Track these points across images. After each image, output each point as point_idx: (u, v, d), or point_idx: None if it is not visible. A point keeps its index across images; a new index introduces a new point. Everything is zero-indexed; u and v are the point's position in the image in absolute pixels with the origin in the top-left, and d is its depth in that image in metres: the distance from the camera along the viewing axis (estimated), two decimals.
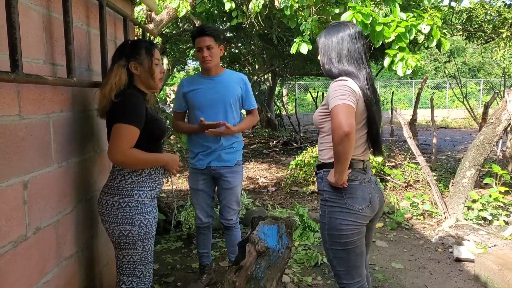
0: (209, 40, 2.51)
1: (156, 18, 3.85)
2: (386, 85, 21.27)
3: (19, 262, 1.46)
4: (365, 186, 1.78)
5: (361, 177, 1.79)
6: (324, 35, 1.83)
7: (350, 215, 1.74)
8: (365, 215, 1.77)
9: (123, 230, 1.78)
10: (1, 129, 1.36)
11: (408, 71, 3.45)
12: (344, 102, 1.61)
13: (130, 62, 1.82)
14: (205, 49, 2.51)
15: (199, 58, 2.55)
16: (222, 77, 2.63)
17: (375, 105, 1.78)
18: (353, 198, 1.75)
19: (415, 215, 4.27)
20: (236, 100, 2.62)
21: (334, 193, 1.77)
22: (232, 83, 2.62)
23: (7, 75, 1.26)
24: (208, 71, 2.61)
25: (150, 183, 1.86)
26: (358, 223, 1.76)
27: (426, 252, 3.45)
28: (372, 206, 1.78)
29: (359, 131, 1.76)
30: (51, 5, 1.70)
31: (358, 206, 1.74)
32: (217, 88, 2.59)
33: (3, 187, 1.36)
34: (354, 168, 1.77)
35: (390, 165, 5.58)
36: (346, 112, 1.59)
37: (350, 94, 1.64)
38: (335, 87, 1.67)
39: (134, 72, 1.84)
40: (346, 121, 1.57)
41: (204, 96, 2.59)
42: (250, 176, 6.72)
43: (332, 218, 1.78)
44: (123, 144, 1.70)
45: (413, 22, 3.44)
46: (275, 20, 5.44)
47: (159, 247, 3.65)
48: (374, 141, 1.82)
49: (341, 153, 1.62)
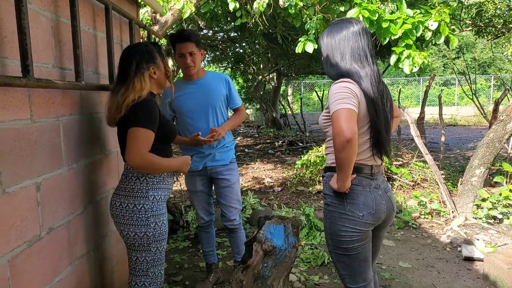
0: (191, 46, 2.48)
1: (161, 20, 3.88)
2: (393, 82, 21.12)
3: (34, 261, 1.49)
4: (370, 193, 1.71)
5: (367, 183, 1.72)
6: (327, 34, 1.77)
7: (349, 221, 1.69)
8: (366, 222, 1.70)
9: (138, 232, 1.78)
10: (14, 133, 1.39)
11: (415, 68, 3.43)
12: (345, 106, 1.55)
13: (150, 68, 1.83)
14: (188, 55, 2.48)
15: (182, 64, 2.52)
16: (205, 80, 2.61)
17: (383, 105, 1.71)
18: (354, 204, 1.69)
19: (422, 214, 4.25)
20: (221, 101, 2.62)
21: (336, 198, 1.73)
22: (215, 84, 2.61)
23: (19, 80, 1.29)
24: (190, 76, 2.59)
25: (163, 185, 1.88)
26: (358, 230, 1.70)
27: (434, 251, 3.44)
28: (375, 213, 1.71)
29: (364, 135, 1.69)
30: (59, 10, 1.74)
31: (359, 212, 1.69)
32: (202, 92, 2.57)
33: (18, 189, 1.40)
34: (360, 174, 1.71)
35: (398, 163, 5.56)
36: (347, 117, 1.54)
37: (350, 96, 1.58)
38: (335, 90, 1.62)
39: (153, 76, 1.86)
40: (347, 126, 1.52)
41: (190, 101, 2.57)
42: (256, 176, 6.74)
43: (333, 223, 1.74)
44: (141, 148, 1.71)
45: (420, 18, 3.42)
46: (280, 19, 5.44)
47: (167, 246, 3.68)
48: (379, 145, 1.72)
49: (343, 159, 1.58)
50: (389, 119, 1.79)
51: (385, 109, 1.74)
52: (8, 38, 1.37)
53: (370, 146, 1.72)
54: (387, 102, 1.77)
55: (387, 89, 1.80)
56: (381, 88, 1.73)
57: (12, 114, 1.38)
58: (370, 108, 1.67)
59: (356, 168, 1.71)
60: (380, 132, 1.70)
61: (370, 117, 1.68)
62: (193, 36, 2.50)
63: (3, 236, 1.31)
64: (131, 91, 1.77)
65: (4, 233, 1.32)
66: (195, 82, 2.60)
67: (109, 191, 2.24)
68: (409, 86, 21.59)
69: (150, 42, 1.95)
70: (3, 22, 1.35)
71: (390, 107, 1.79)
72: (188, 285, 2.94)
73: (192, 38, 2.49)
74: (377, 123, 1.69)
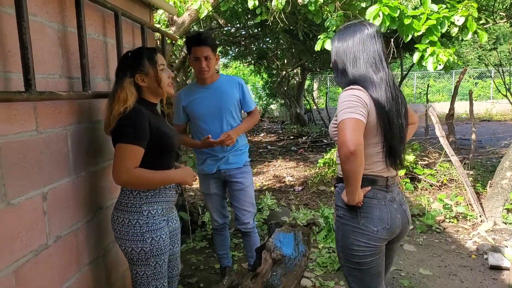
0: (207, 50, 2.47)
1: (178, 20, 3.88)
2: (424, 76, 20.42)
3: (41, 269, 1.52)
4: (385, 206, 1.65)
5: (382, 196, 1.65)
6: (338, 38, 1.68)
7: (363, 235, 1.63)
8: (380, 237, 1.63)
9: (134, 248, 1.73)
10: (19, 145, 1.42)
11: (439, 66, 3.28)
12: (351, 116, 1.49)
13: (135, 75, 1.74)
14: (203, 59, 2.48)
15: (196, 67, 2.51)
16: (218, 84, 2.60)
17: (397, 111, 1.62)
18: (368, 218, 1.63)
19: (447, 217, 4.09)
20: (235, 105, 2.61)
21: (348, 211, 1.66)
22: (228, 88, 2.60)
23: (20, 95, 1.31)
24: (204, 80, 2.58)
25: (160, 198, 1.80)
26: (371, 245, 1.64)
27: (457, 258, 3.30)
28: (390, 228, 1.64)
29: (375, 145, 1.62)
30: (66, 20, 1.75)
31: (373, 227, 1.62)
32: (215, 96, 2.57)
33: (23, 200, 1.42)
34: (374, 186, 1.65)
35: (423, 163, 5.38)
36: (352, 127, 1.48)
37: (359, 105, 1.52)
38: (343, 98, 1.56)
39: (141, 84, 1.76)
40: (352, 137, 1.46)
41: (203, 105, 2.57)
42: (277, 174, 6.70)
43: (345, 236, 1.68)
44: (126, 165, 1.64)
45: (446, 13, 3.26)
46: (300, 15, 5.34)
47: (184, 246, 3.72)
48: (393, 155, 1.64)
49: (348, 172, 1.52)
50: (404, 126, 1.70)
51: (400, 116, 1.65)
52: (12, 52, 1.39)
53: (383, 157, 1.65)
54: (402, 108, 1.68)
55: (402, 95, 1.72)
56: (396, 93, 1.64)
57: (16, 127, 1.40)
58: (382, 117, 1.59)
59: (370, 180, 1.66)
60: (393, 141, 1.63)
61: (382, 126, 1.60)
62: (209, 40, 2.50)
63: (8, 247, 1.34)
64: (116, 102, 1.69)
65: (9, 244, 1.35)
66: (209, 87, 2.60)
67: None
68: (440, 79, 20.82)
69: (146, 48, 1.87)
70: (6, 37, 1.37)
71: (405, 113, 1.71)
72: (202, 287, 2.96)
73: (209, 42, 2.49)
74: (389, 132, 1.61)
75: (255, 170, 7.13)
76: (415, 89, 19.59)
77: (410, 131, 1.87)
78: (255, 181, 6.34)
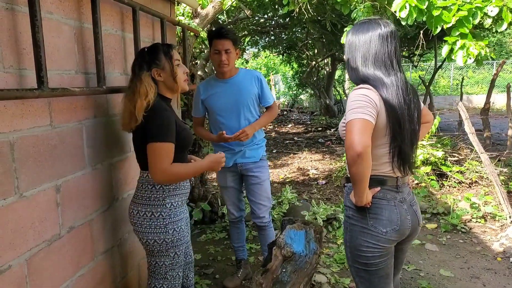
0: (228, 44, 2.49)
1: (201, 12, 3.89)
2: (462, 66, 19.52)
3: (54, 258, 1.60)
4: (395, 207, 1.61)
5: (392, 196, 1.62)
6: (352, 32, 1.65)
7: (372, 237, 1.61)
8: (389, 238, 1.61)
9: (157, 239, 1.79)
10: (33, 140, 1.48)
11: (470, 60, 3.12)
12: (360, 116, 1.46)
13: (151, 70, 1.77)
14: (223, 52, 2.49)
15: (216, 61, 2.53)
16: (237, 79, 2.61)
17: (409, 116, 1.57)
18: (378, 219, 1.60)
19: (474, 217, 3.93)
20: (253, 100, 2.62)
21: (357, 212, 1.64)
22: (247, 83, 2.61)
23: (32, 92, 1.36)
24: (223, 74, 2.59)
25: (180, 190, 1.87)
26: (380, 246, 1.61)
27: (482, 260, 3.17)
28: (399, 230, 1.61)
29: (384, 146, 1.58)
30: (82, 17, 1.79)
31: (382, 228, 1.59)
32: (233, 90, 2.58)
33: (35, 193, 1.49)
34: (384, 186, 1.61)
35: (453, 159, 5.18)
36: (360, 128, 1.44)
37: (368, 105, 1.48)
38: (352, 97, 1.52)
39: (158, 79, 1.79)
40: (359, 139, 1.43)
41: (221, 99, 2.59)
42: (301, 167, 6.65)
43: (353, 237, 1.66)
44: (163, 163, 1.68)
45: (479, 4, 3.09)
46: (328, 6, 5.23)
47: (204, 237, 3.79)
48: (401, 157, 1.59)
49: (355, 174, 1.49)
50: (417, 129, 1.65)
51: (412, 121, 1.60)
52: (27, 50, 1.44)
53: (390, 159, 1.60)
54: (415, 112, 1.62)
55: (417, 97, 1.66)
56: (409, 97, 1.59)
57: (30, 122, 1.46)
58: (392, 118, 1.54)
59: (379, 181, 1.62)
60: (403, 145, 1.58)
61: (391, 128, 1.56)
62: (231, 34, 2.53)
63: (21, 237, 1.41)
64: (137, 96, 1.71)
65: (22, 234, 1.42)
66: (227, 81, 2.61)
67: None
68: (480, 70, 19.85)
69: (162, 44, 1.88)
70: (21, 35, 1.43)
71: (418, 117, 1.65)
72: (218, 279, 3.01)
73: (230, 36, 2.51)
74: (399, 136, 1.57)
75: (279, 162, 7.12)
76: (451, 80, 18.80)
77: (424, 130, 1.81)
78: (279, 173, 6.33)
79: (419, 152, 4.84)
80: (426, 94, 8.15)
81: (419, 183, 4.78)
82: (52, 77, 1.58)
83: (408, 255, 3.27)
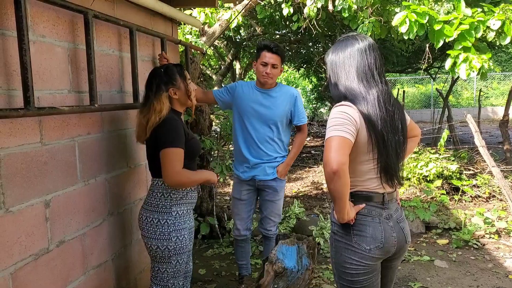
0: (276, 59, 2.58)
1: (208, 31, 3.99)
2: (486, 78, 19.03)
3: (41, 272, 1.64)
4: (379, 224, 1.59)
5: (377, 213, 1.60)
6: (332, 51, 1.67)
7: (355, 254, 1.58)
8: (373, 256, 1.58)
9: (160, 246, 1.91)
10: (22, 156, 1.55)
11: (473, 73, 3.07)
12: (337, 134, 1.46)
13: (169, 89, 1.96)
14: (270, 66, 2.57)
15: (261, 71, 2.60)
16: (274, 92, 2.68)
17: (392, 127, 1.55)
18: (361, 236, 1.58)
19: (487, 233, 3.79)
20: (283, 117, 2.67)
21: (342, 228, 1.62)
22: (282, 99, 2.66)
23: (17, 112, 1.43)
24: (263, 85, 2.66)
25: (186, 200, 2.01)
26: (364, 264, 1.58)
27: (493, 278, 3.04)
28: (383, 247, 1.58)
29: (368, 162, 1.57)
30: (77, 39, 1.88)
31: (366, 246, 1.57)
32: (267, 103, 2.65)
33: (23, 207, 1.55)
34: (369, 202, 1.60)
35: (469, 173, 5.03)
36: (336, 146, 1.44)
37: (347, 123, 1.48)
38: (332, 115, 1.53)
39: (173, 97, 1.99)
40: (335, 157, 1.42)
41: (252, 106, 2.65)
42: (316, 180, 6.60)
43: (338, 253, 1.64)
44: (176, 167, 1.85)
45: (481, 17, 3.05)
46: (337, 21, 5.26)
47: (210, 251, 3.79)
48: (388, 172, 1.57)
49: (333, 191, 1.48)
50: (401, 140, 1.62)
51: (396, 132, 1.58)
52: (17, 72, 1.52)
53: (377, 174, 1.58)
54: (399, 123, 1.60)
55: (401, 109, 1.64)
56: (392, 109, 1.58)
57: (19, 140, 1.53)
58: (374, 133, 1.53)
59: (365, 197, 1.61)
60: (388, 158, 1.56)
61: (374, 142, 1.54)
62: (281, 51, 2.64)
63: (5, 251, 1.46)
64: (152, 113, 1.92)
65: (7, 248, 1.47)
66: (265, 92, 2.68)
67: (134, 203, 2.38)
68: (505, 81, 19.28)
69: (175, 65, 2.08)
70: (12, 58, 1.51)
71: (403, 128, 1.63)
72: None
73: (280, 53, 2.63)
74: (385, 149, 1.55)
75: (294, 176, 7.08)
76: (475, 92, 18.34)
77: (412, 145, 1.79)
78: (292, 187, 6.30)
79: (431, 165, 4.73)
80: (444, 106, 7.98)
81: (433, 198, 4.66)
82: (43, 96, 1.66)
83: (416, 272, 3.18)
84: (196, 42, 3.82)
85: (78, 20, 1.87)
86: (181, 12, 3.01)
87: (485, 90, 17.84)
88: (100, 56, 2.04)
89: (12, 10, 1.47)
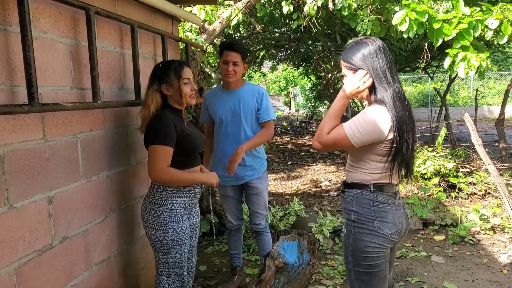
0: (236, 56, 2.60)
1: (209, 28, 3.98)
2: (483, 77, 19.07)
3: (45, 268, 1.65)
4: (396, 211, 1.74)
5: (392, 202, 1.75)
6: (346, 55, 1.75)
7: (378, 238, 1.71)
8: (392, 239, 1.73)
9: (158, 236, 1.99)
10: (25, 153, 1.55)
11: (471, 72, 3.10)
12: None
13: (161, 85, 2.00)
14: (231, 63, 2.60)
15: (223, 70, 2.64)
16: (240, 91, 2.70)
17: (411, 123, 1.68)
18: (384, 222, 1.71)
19: (483, 229, 3.82)
20: (251, 113, 2.68)
21: (364, 215, 1.73)
22: (248, 96, 2.68)
23: (21, 108, 1.44)
24: (228, 84, 2.69)
25: (184, 193, 2.05)
26: (385, 247, 1.72)
27: (488, 273, 3.07)
28: (400, 231, 1.75)
29: (388, 158, 1.68)
30: (78, 36, 1.88)
31: (388, 231, 1.71)
32: (233, 102, 2.67)
33: (26, 204, 1.56)
34: (387, 192, 1.74)
35: (465, 171, 5.06)
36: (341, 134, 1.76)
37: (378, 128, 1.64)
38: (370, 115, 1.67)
39: (166, 93, 2.02)
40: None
41: (221, 109, 2.70)
42: (315, 178, 6.62)
43: (358, 239, 1.74)
44: (159, 163, 1.90)
45: (480, 17, 3.08)
46: (337, 20, 5.27)
47: (211, 248, 3.81)
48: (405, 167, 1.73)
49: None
50: (415, 135, 1.75)
51: (413, 128, 1.72)
52: (19, 68, 1.53)
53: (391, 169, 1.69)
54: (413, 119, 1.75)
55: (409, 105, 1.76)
56: (407, 106, 1.70)
57: (22, 136, 1.53)
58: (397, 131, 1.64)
59: (381, 187, 1.73)
60: (405, 153, 1.68)
61: (395, 140, 1.65)
62: (241, 49, 2.66)
63: (10, 247, 1.47)
64: (144, 107, 2.01)
65: (11, 244, 1.48)
66: (231, 92, 2.71)
67: (136, 200, 2.39)
68: (502, 80, 19.34)
69: (175, 62, 2.09)
70: (14, 53, 1.51)
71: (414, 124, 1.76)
72: None
73: (240, 50, 2.64)
74: (401, 145, 1.66)
75: (293, 174, 7.10)
76: (471, 91, 18.41)
77: None
78: (292, 185, 6.32)
79: (429, 163, 4.76)
80: (442, 105, 8.02)
81: (431, 195, 4.70)
82: (46, 93, 1.66)
83: (413, 267, 3.21)
84: (196, 40, 3.82)
85: (79, 17, 1.88)
86: (182, 9, 3.01)
87: (481, 89, 17.92)
88: (101, 53, 2.05)
89: (14, 6, 1.47)
